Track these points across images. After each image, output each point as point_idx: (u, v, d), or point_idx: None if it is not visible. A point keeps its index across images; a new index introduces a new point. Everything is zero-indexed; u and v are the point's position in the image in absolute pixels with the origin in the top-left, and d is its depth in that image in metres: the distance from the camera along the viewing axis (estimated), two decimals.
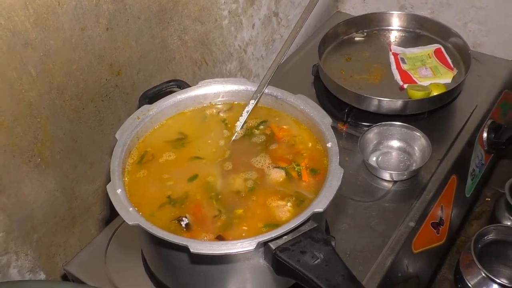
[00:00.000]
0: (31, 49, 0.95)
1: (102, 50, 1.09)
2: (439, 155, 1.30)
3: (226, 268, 0.89)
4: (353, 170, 1.27)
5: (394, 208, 1.19)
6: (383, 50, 1.55)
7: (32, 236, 1.11)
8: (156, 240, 0.84)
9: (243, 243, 0.80)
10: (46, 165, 1.07)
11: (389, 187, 1.24)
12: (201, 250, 0.80)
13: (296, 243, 0.82)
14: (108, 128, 1.19)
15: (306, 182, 0.95)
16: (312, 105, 1.03)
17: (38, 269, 1.15)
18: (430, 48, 1.53)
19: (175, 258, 0.90)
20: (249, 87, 1.09)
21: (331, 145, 0.94)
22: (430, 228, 1.23)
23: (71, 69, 1.04)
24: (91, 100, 1.12)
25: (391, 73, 1.48)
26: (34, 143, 1.03)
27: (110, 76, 1.14)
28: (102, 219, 1.28)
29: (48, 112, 1.03)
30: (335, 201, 0.86)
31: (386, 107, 1.33)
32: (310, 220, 0.85)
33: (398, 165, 1.28)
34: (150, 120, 1.04)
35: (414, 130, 1.28)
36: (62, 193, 1.14)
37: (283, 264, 0.81)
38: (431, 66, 1.47)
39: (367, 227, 1.15)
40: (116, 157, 0.94)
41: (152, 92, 1.13)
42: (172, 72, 1.30)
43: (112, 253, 1.13)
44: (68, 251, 1.21)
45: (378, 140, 1.31)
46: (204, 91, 1.09)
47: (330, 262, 0.80)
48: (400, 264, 1.13)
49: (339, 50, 1.56)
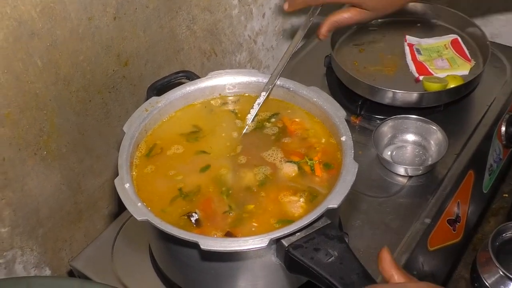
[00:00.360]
0: (37, 39, 0.96)
1: (110, 40, 1.09)
2: (456, 150, 1.29)
3: (237, 266, 0.89)
4: (366, 164, 1.27)
5: (409, 204, 1.19)
6: (398, 41, 1.54)
7: (37, 231, 1.12)
8: (165, 236, 0.84)
9: (255, 239, 0.80)
10: (52, 158, 1.08)
11: (404, 182, 1.24)
12: (212, 247, 0.80)
13: (310, 240, 0.82)
14: (115, 120, 1.19)
15: (320, 177, 0.95)
16: (325, 98, 1.03)
17: (44, 265, 1.16)
18: (447, 38, 1.52)
19: (185, 254, 0.91)
20: (260, 78, 1.09)
21: (345, 138, 0.94)
22: (446, 225, 1.23)
23: (78, 60, 1.05)
24: (98, 91, 1.12)
25: (406, 64, 1.47)
26: (40, 136, 1.04)
27: (117, 67, 1.14)
28: (108, 214, 1.29)
29: (54, 104, 1.04)
30: (348, 196, 0.86)
31: (401, 99, 1.33)
32: (324, 217, 0.85)
33: (414, 160, 1.28)
34: (158, 112, 1.04)
35: (430, 124, 1.28)
36: (68, 187, 1.14)
37: (296, 262, 0.81)
38: (447, 57, 1.46)
39: (381, 223, 1.15)
40: (124, 151, 0.95)
41: (161, 83, 1.13)
42: (180, 63, 1.30)
43: (119, 248, 1.13)
44: (74, 246, 1.22)
45: (393, 134, 1.31)
46: (214, 83, 1.09)
47: (345, 260, 0.80)
48: (415, 262, 1.13)
49: (352, 41, 1.55)
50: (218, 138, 1.04)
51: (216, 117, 1.08)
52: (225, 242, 0.82)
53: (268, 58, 1.63)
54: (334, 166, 0.96)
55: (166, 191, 0.95)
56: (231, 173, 0.97)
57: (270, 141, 1.03)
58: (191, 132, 1.04)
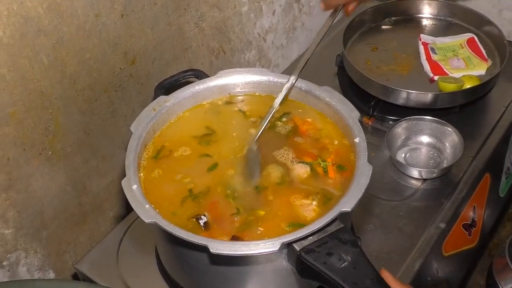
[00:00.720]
0: (43, 36, 0.96)
1: (117, 38, 1.10)
2: (472, 152, 1.29)
3: (246, 270, 0.90)
4: (379, 167, 1.27)
5: (423, 208, 1.19)
6: (412, 40, 1.54)
7: (41, 233, 1.12)
8: (173, 239, 0.84)
9: (266, 243, 0.80)
10: (57, 159, 1.09)
11: (418, 185, 1.24)
12: (222, 250, 0.80)
13: (322, 244, 0.83)
14: (121, 120, 1.20)
15: (333, 179, 0.96)
16: (338, 98, 1.03)
17: (48, 268, 1.17)
18: (463, 37, 1.52)
19: (193, 258, 0.91)
20: (271, 78, 1.09)
21: (359, 140, 0.95)
22: (462, 230, 1.23)
23: (84, 58, 1.05)
24: (104, 90, 1.13)
25: (421, 64, 1.47)
26: (45, 135, 1.04)
27: (124, 65, 1.14)
28: (113, 216, 1.30)
29: (60, 103, 1.04)
30: (361, 200, 0.86)
31: (415, 100, 1.33)
32: (337, 220, 0.85)
33: (428, 162, 1.28)
34: (166, 112, 1.04)
35: (445, 125, 1.28)
36: (73, 188, 1.15)
37: (308, 267, 0.82)
38: (463, 57, 1.46)
39: (394, 228, 1.15)
40: (131, 151, 0.95)
41: (169, 82, 1.14)
42: (188, 61, 1.31)
43: (125, 251, 1.14)
44: (78, 249, 1.23)
45: (407, 135, 1.31)
46: (224, 82, 1.10)
47: (358, 265, 0.81)
48: (430, 268, 1.13)
49: (365, 39, 1.55)
50: (229, 141, 1.04)
51: (226, 118, 1.08)
52: (235, 245, 0.82)
53: (277, 57, 1.63)
54: (348, 168, 0.96)
55: (174, 193, 0.95)
56: (241, 175, 0.98)
57: (281, 140, 1.03)
58: (204, 134, 1.05)
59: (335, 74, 1.52)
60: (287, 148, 1.01)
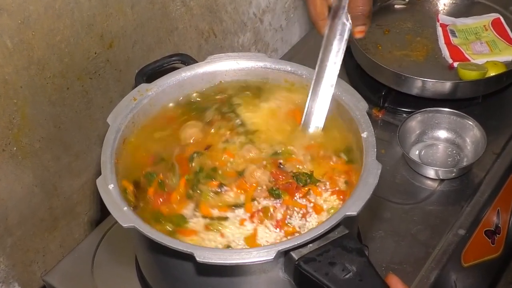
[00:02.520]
0: (6, 16, 0.96)
1: (91, 17, 1.10)
2: (496, 149, 1.29)
3: (238, 281, 0.90)
4: (390, 165, 1.28)
5: (440, 213, 1.19)
6: (429, 21, 1.54)
7: (5, 241, 1.12)
8: (156, 246, 0.84)
9: (259, 251, 0.80)
10: (23, 156, 1.08)
11: (435, 186, 1.24)
12: (210, 259, 0.80)
13: (324, 252, 0.82)
14: (97, 112, 1.19)
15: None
16: (344, 87, 1.03)
17: (12, 280, 1.17)
18: (487, 18, 1.52)
19: (178, 268, 0.91)
20: (268, 64, 1.09)
21: (366, 135, 0.94)
22: (484, 237, 1.23)
23: (54, 41, 1.05)
24: (77, 77, 1.12)
25: (438, 48, 1.47)
26: (10, 129, 1.04)
27: (100, 49, 1.14)
28: (88, 221, 1.30)
29: (26, 92, 1.04)
30: (369, 202, 0.86)
31: (432, 89, 1.33)
32: (341, 225, 0.85)
33: (446, 161, 1.28)
34: (148, 102, 1.04)
35: (465, 118, 1.28)
36: (41, 189, 1.15)
37: (308, 278, 0.81)
38: (487, 41, 1.46)
39: (407, 235, 1.15)
40: (108, 146, 0.95)
41: (151, 68, 1.14)
42: (173, 45, 1.30)
43: (101, 261, 1.14)
44: (48, 258, 1.22)
45: (422, 130, 1.31)
46: (214, 68, 1.09)
47: (365, 277, 0.80)
48: (447, 280, 1.13)
49: (376, 20, 1.55)
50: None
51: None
52: (225, 253, 0.82)
53: (276, 40, 1.63)
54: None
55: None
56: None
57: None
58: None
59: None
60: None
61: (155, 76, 1.09)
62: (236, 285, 0.91)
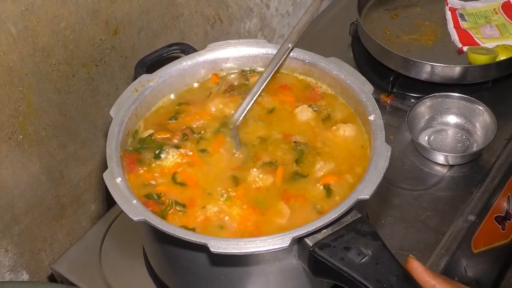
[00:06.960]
0: (10, 3, 0.95)
1: (96, 3, 1.09)
2: (506, 134, 1.29)
3: (251, 271, 0.89)
4: (399, 151, 1.27)
5: (450, 199, 1.19)
6: (438, 4, 1.53)
7: (13, 229, 1.12)
8: (166, 238, 0.83)
9: (274, 239, 0.79)
10: (29, 144, 1.08)
11: (444, 172, 1.24)
12: (224, 249, 0.79)
13: (338, 237, 0.82)
14: (103, 99, 1.19)
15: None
16: (348, 70, 1.02)
17: (21, 268, 1.17)
18: (497, 1, 1.51)
19: (189, 259, 0.90)
20: (269, 50, 1.08)
21: (374, 117, 0.94)
22: (494, 223, 1.22)
23: (59, 27, 1.05)
24: (83, 65, 1.12)
25: (448, 32, 1.46)
26: (15, 117, 1.04)
27: (105, 36, 1.14)
28: (95, 209, 1.30)
29: (31, 80, 1.04)
30: (378, 189, 0.86)
31: (441, 74, 1.32)
32: (354, 210, 0.85)
33: (455, 146, 1.27)
34: (150, 94, 1.04)
35: (475, 103, 1.27)
36: (48, 177, 1.15)
37: (323, 264, 0.81)
38: (497, 24, 1.45)
39: (416, 221, 1.15)
40: (112, 139, 0.94)
41: (151, 58, 1.13)
42: (179, 31, 1.30)
43: (108, 250, 1.14)
44: (55, 246, 1.23)
45: (431, 115, 1.31)
46: (214, 56, 1.09)
47: (381, 260, 0.80)
48: (457, 267, 1.13)
49: (383, 5, 1.54)
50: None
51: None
52: (239, 243, 0.80)
53: (282, 26, 1.62)
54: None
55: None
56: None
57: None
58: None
59: (348, 45, 1.51)
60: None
61: (156, 66, 1.08)
62: (249, 274, 0.90)
